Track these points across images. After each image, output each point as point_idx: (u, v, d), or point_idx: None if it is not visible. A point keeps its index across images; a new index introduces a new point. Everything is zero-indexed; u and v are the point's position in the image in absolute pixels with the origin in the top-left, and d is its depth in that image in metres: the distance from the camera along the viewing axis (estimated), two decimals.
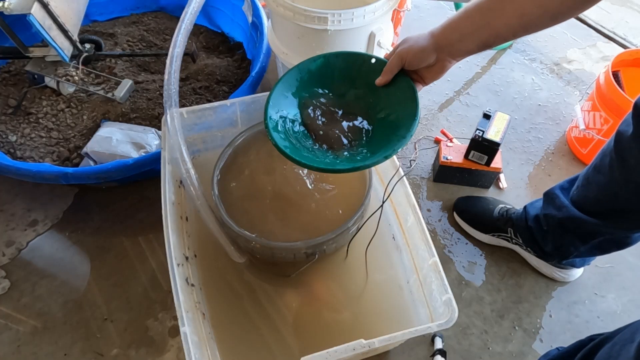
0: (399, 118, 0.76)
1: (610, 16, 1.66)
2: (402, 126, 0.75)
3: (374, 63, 0.77)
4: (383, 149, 0.75)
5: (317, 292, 0.92)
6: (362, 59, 0.78)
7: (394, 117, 0.77)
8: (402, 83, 0.75)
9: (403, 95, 0.75)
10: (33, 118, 1.21)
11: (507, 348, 0.94)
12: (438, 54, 0.68)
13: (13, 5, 1.04)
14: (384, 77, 0.75)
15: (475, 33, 0.63)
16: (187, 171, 0.80)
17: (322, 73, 0.81)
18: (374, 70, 0.76)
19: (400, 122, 0.76)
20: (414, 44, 0.69)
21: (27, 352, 0.92)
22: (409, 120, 0.73)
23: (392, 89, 0.76)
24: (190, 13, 0.89)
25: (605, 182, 0.79)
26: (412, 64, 0.71)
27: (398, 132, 0.74)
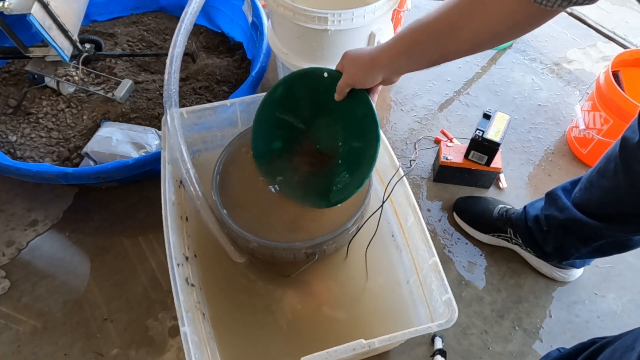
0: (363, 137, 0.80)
1: (610, 16, 1.66)
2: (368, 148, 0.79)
3: (326, 77, 0.78)
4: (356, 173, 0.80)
5: (317, 292, 0.92)
6: (317, 75, 0.79)
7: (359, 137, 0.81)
8: (358, 97, 0.76)
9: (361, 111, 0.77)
10: (33, 118, 1.21)
11: (507, 348, 0.94)
12: (384, 74, 0.70)
13: (13, 5, 1.04)
14: (338, 96, 0.76)
15: (423, 56, 0.64)
16: (187, 171, 0.80)
17: (287, 99, 0.84)
18: (332, 83, 0.76)
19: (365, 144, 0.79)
20: (359, 69, 0.71)
21: (27, 352, 0.92)
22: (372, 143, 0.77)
23: (350, 104, 0.78)
24: (190, 13, 0.89)
25: (609, 187, 0.79)
26: (361, 85, 0.73)
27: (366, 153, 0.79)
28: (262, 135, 0.88)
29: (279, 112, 0.86)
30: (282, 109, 0.86)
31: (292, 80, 0.82)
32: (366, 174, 0.78)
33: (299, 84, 0.82)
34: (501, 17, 0.54)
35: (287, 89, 0.84)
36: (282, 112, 0.86)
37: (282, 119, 0.87)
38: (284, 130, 0.88)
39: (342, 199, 0.82)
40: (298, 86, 0.83)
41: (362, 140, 0.80)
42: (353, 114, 0.79)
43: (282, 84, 0.83)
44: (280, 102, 0.85)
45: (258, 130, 0.88)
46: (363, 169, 0.79)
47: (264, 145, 0.89)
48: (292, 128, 0.87)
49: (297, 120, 0.86)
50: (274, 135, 0.88)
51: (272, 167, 0.89)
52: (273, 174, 0.89)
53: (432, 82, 1.42)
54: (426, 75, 1.44)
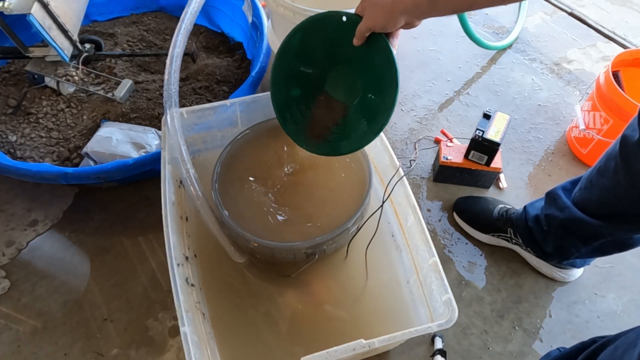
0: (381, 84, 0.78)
1: (610, 16, 1.66)
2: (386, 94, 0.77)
3: (345, 21, 0.75)
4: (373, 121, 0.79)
5: (317, 292, 0.92)
6: (335, 20, 0.76)
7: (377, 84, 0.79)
8: (377, 43, 0.74)
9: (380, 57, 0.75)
10: (33, 118, 1.21)
11: (507, 348, 0.94)
12: (406, 18, 0.67)
13: (13, 5, 1.04)
14: (357, 41, 0.73)
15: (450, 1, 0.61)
16: (187, 171, 0.80)
17: (305, 46, 0.82)
18: (351, 28, 0.74)
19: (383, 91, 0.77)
20: (380, 13, 0.68)
21: (27, 352, 0.92)
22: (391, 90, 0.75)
23: (369, 50, 0.76)
24: (190, 13, 0.89)
25: (609, 186, 0.79)
26: (382, 29, 0.70)
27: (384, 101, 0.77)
28: (281, 82, 0.86)
29: (296, 59, 0.83)
30: (300, 56, 0.83)
31: (309, 26, 0.79)
32: (384, 121, 0.77)
33: (316, 29, 0.79)
34: None
35: (304, 35, 0.80)
36: (299, 59, 0.83)
37: (300, 67, 0.84)
38: (302, 77, 0.85)
39: (359, 146, 0.81)
40: (315, 32, 0.80)
41: (380, 87, 0.78)
42: (372, 60, 0.77)
43: (299, 29, 0.80)
44: (298, 48, 0.82)
45: (276, 79, 0.85)
46: (381, 116, 0.78)
47: (282, 93, 0.86)
48: (309, 75, 0.85)
49: (315, 67, 0.84)
50: (292, 83, 0.86)
51: (292, 115, 0.88)
52: (290, 122, 0.87)
53: (432, 82, 1.42)
54: (426, 75, 1.44)
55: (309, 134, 0.87)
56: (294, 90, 0.87)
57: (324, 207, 0.88)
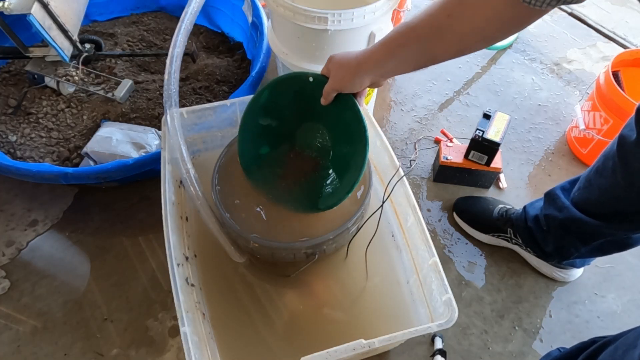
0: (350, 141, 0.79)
1: (610, 16, 1.66)
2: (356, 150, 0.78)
3: (312, 82, 0.77)
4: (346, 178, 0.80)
5: (317, 292, 0.92)
6: (302, 80, 0.78)
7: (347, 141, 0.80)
8: (345, 102, 0.75)
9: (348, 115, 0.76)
10: (33, 118, 1.21)
11: (507, 348, 0.94)
12: (371, 78, 0.69)
13: (13, 5, 1.04)
14: (325, 100, 0.75)
15: (411, 59, 0.63)
16: (187, 171, 0.80)
17: (273, 105, 0.83)
18: (318, 88, 0.76)
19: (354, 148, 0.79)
20: (345, 74, 0.70)
21: (27, 352, 0.92)
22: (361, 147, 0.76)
23: (336, 108, 0.77)
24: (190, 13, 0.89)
25: (608, 185, 0.79)
26: (348, 90, 0.72)
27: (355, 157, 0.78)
28: (249, 142, 0.87)
29: (264, 117, 0.85)
30: (268, 114, 0.85)
31: (276, 85, 0.82)
32: (356, 178, 0.77)
33: (284, 89, 0.81)
34: (488, 18, 0.53)
35: (271, 94, 0.83)
36: (267, 117, 0.85)
37: (268, 124, 0.86)
38: (271, 135, 0.87)
39: (332, 204, 0.81)
40: (283, 91, 0.82)
41: (350, 145, 0.79)
42: (340, 118, 0.78)
43: (266, 88, 0.82)
44: (266, 107, 0.84)
45: (244, 137, 0.87)
46: (353, 173, 0.78)
47: (251, 151, 0.88)
48: (278, 133, 0.86)
49: (284, 125, 0.86)
50: (261, 141, 0.87)
51: (261, 174, 0.88)
52: (262, 182, 0.88)
53: (432, 82, 1.42)
54: (426, 75, 1.44)
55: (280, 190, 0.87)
56: (263, 148, 0.88)
57: None
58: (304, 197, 0.85)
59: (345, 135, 0.80)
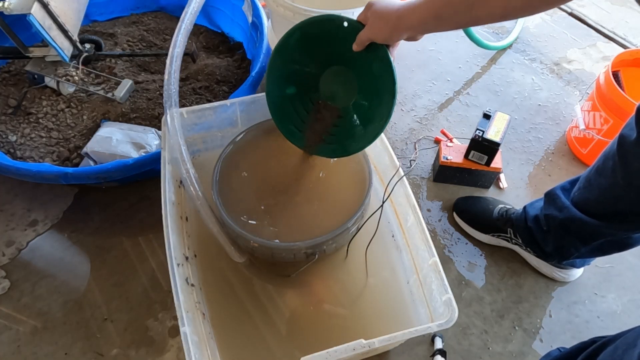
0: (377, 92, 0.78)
1: (610, 16, 1.66)
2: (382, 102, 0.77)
3: (347, 27, 0.75)
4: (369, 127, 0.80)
5: (317, 292, 0.92)
6: (336, 24, 0.76)
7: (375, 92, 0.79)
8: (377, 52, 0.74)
9: (379, 66, 0.75)
10: (33, 118, 1.21)
11: (507, 348, 0.94)
12: (410, 33, 0.67)
13: (13, 5, 1.04)
14: (357, 47, 0.73)
15: (454, 19, 0.62)
16: (187, 171, 0.80)
17: (303, 45, 0.81)
18: (351, 33, 0.74)
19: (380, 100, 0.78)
20: (384, 26, 0.68)
21: (27, 352, 0.92)
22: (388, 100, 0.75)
23: (367, 57, 0.75)
24: (190, 13, 0.89)
25: (608, 185, 0.79)
26: (384, 41, 0.71)
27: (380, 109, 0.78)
28: (276, 80, 0.86)
29: (293, 57, 0.83)
30: (297, 55, 0.83)
31: (308, 26, 0.79)
32: (379, 129, 0.78)
33: (315, 30, 0.79)
34: None
35: (302, 35, 0.80)
36: (296, 57, 0.83)
37: (296, 65, 0.84)
38: (298, 76, 0.85)
39: (354, 150, 0.83)
40: (314, 32, 0.79)
41: (377, 94, 0.78)
42: (369, 67, 0.77)
43: (298, 29, 0.79)
44: (295, 47, 0.82)
45: (272, 75, 0.85)
46: (377, 124, 0.78)
47: (277, 90, 0.87)
48: (306, 74, 0.85)
49: (312, 66, 0.84)
50: (288, 81, 0.86)
51: (284, 113, 0.88)
52: (285, 121, 0.89)
53: (432, 82, 1.42)
54: (426, 75, 1.44)
55: (306, 135, 0.87)
56: (290, 89, 0.87)
57: (324, 206, 0.88)
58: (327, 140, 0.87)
59: (373, 84, 0.78)
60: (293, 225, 0.86)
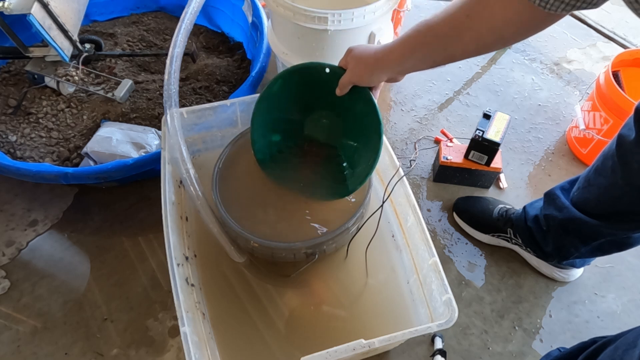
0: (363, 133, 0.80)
1: (610, 16, 1.66)
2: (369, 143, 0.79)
3: (328, 73, 0.78)
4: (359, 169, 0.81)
5: (317, 292, 0.92)
6: (318, 70, 0.79)
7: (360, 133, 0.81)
8: (360, 95, 0.75)
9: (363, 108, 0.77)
10: (33, 118, 1.21)
11: (507, 348, 0.94)
12: (389, 74, 0.70)
13: (13, 5, 1.04)
14: (340, 91, 0.76)
15: (430, 57, 0.64)
16: (187, 171, 0.80)
17: (286, 93, 0.84)
18: (333, 78, 0.76)
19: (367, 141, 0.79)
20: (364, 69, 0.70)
21: (27, 352, 0.92)
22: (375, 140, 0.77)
23: (350, 99, 0.77)
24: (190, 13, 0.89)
25: (607, 185, 0.79)
26: (365, 84, 0.73)
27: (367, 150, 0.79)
28: (261, 129, 0.87)
29: (277, 105, 0.85)
30: (281, 103, 0.85)
31: (291, 75, 0.81)
32: (369, 170, 0.78)
33: (298, 78, 0.81)
34: (506, 19, 0.54)
35: (285, 83, 0.83)
36: (280, 106, 0.85)
37: (280, 113, 0.86)
38: (283, 124, 0.87)
39: (345, 193, 0.83)
40: (297, 80, 0.82)
41: (364, 137, 0.80)
42: (354, 110, 0.79)
43: (280, 77, 0.82)
44: (279, 96, 0.84)
45: (257, 124, 0.87)
46: (366, 165, 0.79)
47: (263, 138, 0.88)
48: (291, 122, 0.87)
49: (296, 114, 0.86)
50: (273, 129, 0.88)
51: (273, 161, 0.89)
52: (274, 169, 0.89)
53: (432, 82, 1.42)
54: (426, 75, 1.44)
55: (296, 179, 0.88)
56: (275, 136, 0.89)
57: (324, 206, 0.88)
58: (317, 185, 0.87)
59: (358, 127, 0.80)
60: (293, 225, 0.86)
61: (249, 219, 0.86)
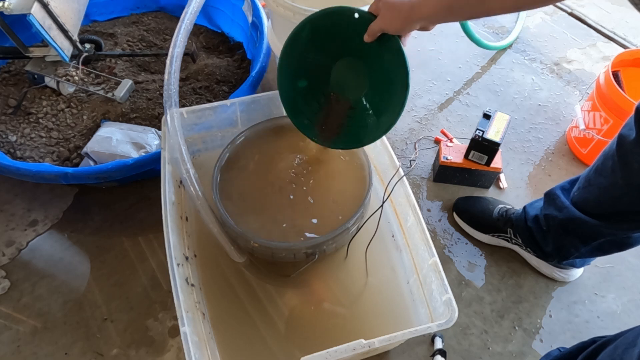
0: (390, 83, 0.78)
1: (610, 16, 1.66)
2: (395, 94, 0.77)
3: (357, 18, 0.75)
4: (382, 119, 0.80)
5: (317, 292, 0.92)
6: (346, 15, 0.76)
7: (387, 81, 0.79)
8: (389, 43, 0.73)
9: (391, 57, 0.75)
10: (33, 118, 1.21)
11: (507, 348, 0.94)
12: (422, 23, 0.68)
13: (13, 5, 1.04)
14: (368, 38, 0.73)
15: (467, 11, 0.62)
16: (187, 171, 0.80)
17: (312, 38, 0.81)
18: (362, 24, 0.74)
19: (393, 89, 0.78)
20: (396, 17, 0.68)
21: (27, 352, 0.92)
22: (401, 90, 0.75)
23: (379, 47, 0.75)
24: (190, 13, 0.89)
25: (607, 185, 0.79)
26: (396, 32, 0.71)
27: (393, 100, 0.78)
28: (287, 74, 0.86)
29: (304, 50, 0.83)
30: (308, 47, 0.83)
31: (319, 19, 0.79)
32: (393, 121, 0.78)
33: (326, 22, 0.79)
34: None
35: (313, 28, 0.80)
36: (307, 51, 0.83)
37: (307, 58, 0.84)
38: (309, 69, 0.85)
39: (368, 141, 0.83)
40: (325, 25, 0.79)
41: (389, 85, 0.78)
42: (381, 58, 0.77)
43: (308, 22, 0.79)
44: (306, 40, 0.82)
45: (283, 69, 0.85)
46: (390, 115, 0.79)
47: (288, 83, 0.87)
48: (317, 67, 0.85)
49: (322, 59, 0.84)
50: (299, 74, 0.86)
51: (297, 107, 0.89)
52: (298, 114, 0.89)
53: (432, 82, 1.42)
54: (426, 75, 1.44)
55: (319, 128, 0.87)
56: (301, 82, 0.87)
57: (324, 207, 0.88)
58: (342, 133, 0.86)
59: (385, 75, 0.78)
60: (293, 225, 0.86)
61: (249, 218, 0.86)
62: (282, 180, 0.92)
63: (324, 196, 0.90)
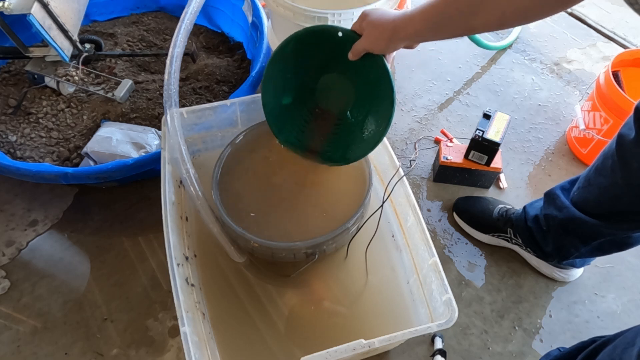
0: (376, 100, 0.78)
1: (610, 16, 1.66)
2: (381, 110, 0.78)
3: (341, 37, 0.75)
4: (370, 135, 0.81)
5: (317, 292, 0.92)
6: (331, 34, 0.76)
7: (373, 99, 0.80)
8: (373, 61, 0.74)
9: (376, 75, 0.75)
10: (33, 118, 1.21)
11: (507, 348, 0.94)
12: (406, 43, 0.68)
13: (13, 5, 1.04)
14: (352, 57, 0.74)
15: (450, 29, 0.62)
16: (187, 171, 0.80)
17: (298, 55, 0.82)
18: (346, 42, 0.74)
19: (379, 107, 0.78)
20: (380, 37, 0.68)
21: (27, 352, 0.92)
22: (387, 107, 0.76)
23: (363, 65, 0.76)
24: (190, 13, 0.89)
25: (607, 185, 0.79)
26: (380, 52, 0.71)
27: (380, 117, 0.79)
28: (272, 91, 0.86)
29: (288, 67, 0.84)
30: (292, 65, 0.83)
31: (303, 37, 0.79)
32: (379, 137, 0.78)
33: (310, 40, 0.79)
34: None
35: (297, 45, 0.81)
36: (291, 68, 0.84)
37: (292, 75, 0.85)
38: (294, 86, 0.86)
39: (354, 158, 0.83)
40: (309, 42, 0.80)
41: (376, 103, 0.79)
42: (367, 76, 0.77)
43: (293, 39, 0.80)
44: (291, 57, 0.82)
45: (268, 86, 0.86)
46: (377, 131, 0.79)
47: (273, 101, 0.87)
48: (301, 84, 0.86)
49: (307, 75, 0.85)
50: (284, 91, 0.87)
51: (282, 124, 0.89)
52: (283, 131, 0.89)
53: (432, 82, 1.42)
54: (426, 75, 1.44)
55: (305, 144, 0.88)
56: (286, 99, 0.88)
57: (324, 207, 0.88)
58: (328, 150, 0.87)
59: (371, 92, 0.79)
60: (293, 225, 0.86)
61: (249, 218, 0.86)
62: (282, 180, 0.92)
63: (323, 196, 0.90)
